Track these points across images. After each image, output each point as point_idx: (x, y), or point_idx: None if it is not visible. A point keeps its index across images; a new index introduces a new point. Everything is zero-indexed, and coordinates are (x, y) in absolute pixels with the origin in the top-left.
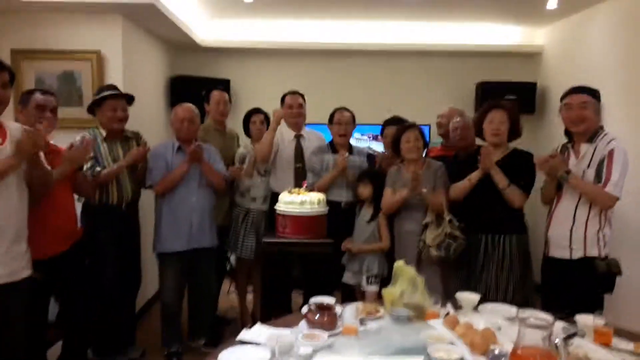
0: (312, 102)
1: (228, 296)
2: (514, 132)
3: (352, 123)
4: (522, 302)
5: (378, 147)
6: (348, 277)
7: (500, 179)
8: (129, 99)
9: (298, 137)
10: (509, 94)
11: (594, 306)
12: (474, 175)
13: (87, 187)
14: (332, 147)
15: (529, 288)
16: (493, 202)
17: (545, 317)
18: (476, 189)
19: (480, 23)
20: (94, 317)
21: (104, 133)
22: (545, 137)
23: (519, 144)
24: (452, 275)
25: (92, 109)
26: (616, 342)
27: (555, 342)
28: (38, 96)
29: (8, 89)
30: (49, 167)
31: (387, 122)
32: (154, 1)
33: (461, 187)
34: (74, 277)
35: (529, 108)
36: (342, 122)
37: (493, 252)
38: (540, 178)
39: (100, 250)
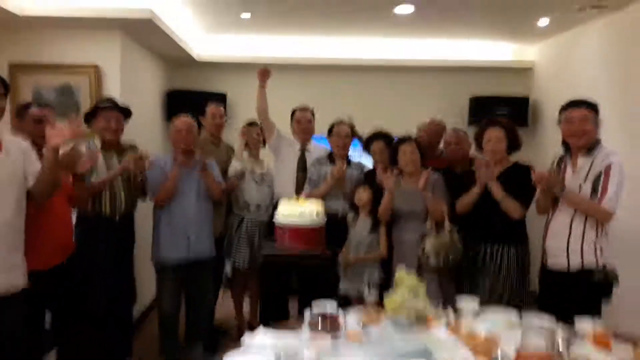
0: None
1: (223, 306)
2: (513, 145)
3: (350, 135)
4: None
5: (366, 161)
6: (346, 288)
7: (496, 192)
8: (126, 112)
9: (303, 150)
10: (502, 108)
11: (592, 314)
12: (475, 189)
13: (84, 196)
14: (331, 158)
15: (526, 299)
16: (492, 213)
17: (547, 321)
18: (477, 200)
19: (474, 40)
20: (87, 331)
21: (99, 144)
22: (538, 148)
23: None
24: (450, 283)
25: (88, 119)
26: (615, 345)
27: (559, 346)
28: (34, 110)
29: (3, 100)
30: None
31: (373, 137)
32: (151, 16)
33: (465, 201)
34: (67, 289)
35: (522, 121)
36: (340, 134)
37: (490, 262)
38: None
39: (93, 261)
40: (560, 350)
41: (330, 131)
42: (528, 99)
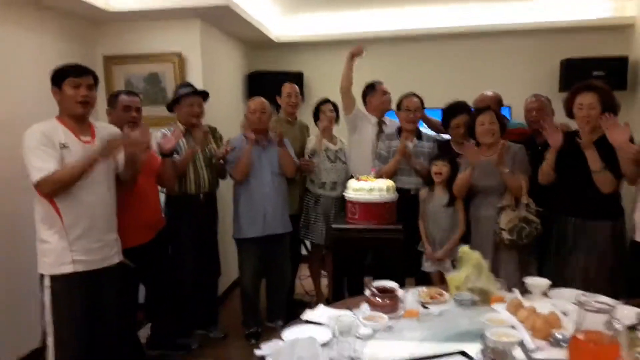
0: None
1: (304, 281)
2: (610, 111)
3: (420, 109)
4: (614, 296)
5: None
6: (427, 265)
7: (595, 161)
8: (205, 96)
9: (380, 123)
10: (597, 71)
11: None
12: (550, 156)
13: (170, 175)
14: (400, 133)
15: (622, 280)
16: (584, 184)
17: (608, 301)
18: (566, 170)
19: None
20: (178, 301)
21: (182, 129)
22: (637, 114)
23: None
24: (531, 261)
25: (171, 107)
26: None
27: (617, 326)
28: (124, 97)
29: (94, 90)
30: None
31: (451, 110)
32: (228, 3)
33: (544, 170)
34: (159, 264)
35: (620, 84)
36: (410, 107)
37: (582, 238)
38: None
39: (181, 238)
40: (620, 331)
41: (399, 105)
42: (627, 58)
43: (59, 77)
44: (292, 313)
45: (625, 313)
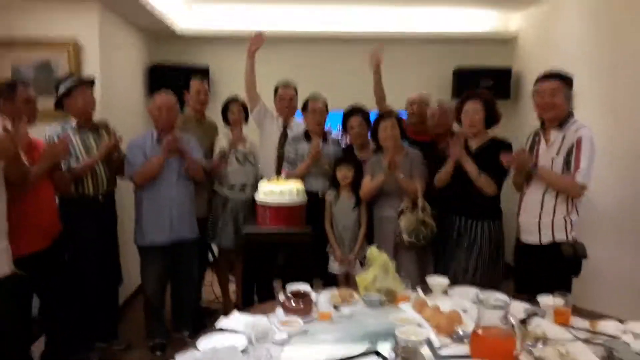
0: None
1: (211, 287)
2: (492, 119)
3: (325, 112)
4: (490, 286)
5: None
6: (334, 267)
7: (471, 169)
8: (91, 84)
9: (285, 126)
10: (485, 80)
11: (563, 289)
12: (448, 165)
13: (65, 183)
14: (307, 136)
15: (498, 273)
16: (467, 188)
17: (503, 298)
18: (453, 174)
19: (456, 8)
20: (76, 312)
21: (73, 124)
22: (520, 122)
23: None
24: (428, 260)
25: (60, 102)
26: (575, 321)
27: (511, 321)
28: (24, 90)
29: None
30: (27, 163)
31: (350, 112)
32: None
33: (440, 177)
34: (55, 273)
35: (504, 93)
36: (315, 110)
37: (465, 236)
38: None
39: (79, 243)
40: (514, 325)
41: (304, 107)
42: (511, 70)
43: None
44: (198, 322)
45: (515, 307)
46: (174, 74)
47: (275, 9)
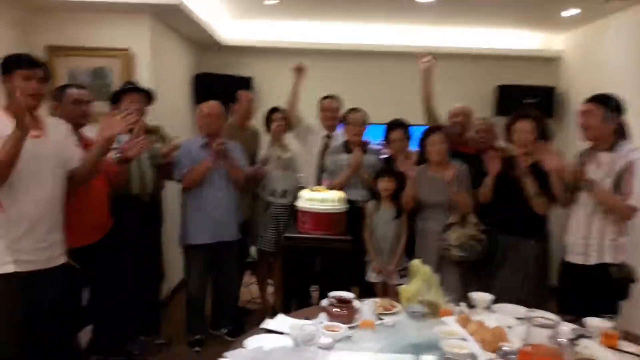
0: None
1: (249, 288)
2: (544, 138)
3: (364, 123)
4: (535, 306)
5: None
6: (372, 276)
7: (530, 187)
8: (149, 95)
9: (328, 136)
10: (528, 98)
11: (609, 311)
12: (489, 180)
13: (125, 178)
14: (347, 147)
15: (544, 293)
16: (516, 205)
17: (552, 317)
18: (500, 191)
19: (498, 28)
20: (121, 305)
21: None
22: (563, 141)
23: None
24: (472, 275)
25: (115, 102)
26: (622, 344)
27: (561, 341)
28: (74, 91)
29: (44, 84)
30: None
31: (391, 126)
32: (178, 2)
33: (482, 191)
34: (104, 266)
35: (547, 112)
36: (355, 122)
37: (510, 255)
38: None
39: (123, 240)
40: (564, 346)
41: (344, 119)
42: (554, 89)
43: (9, 66)
44: (236, 321)
45: (563, 328)
46: (219, 84)
47: (314, 24)
